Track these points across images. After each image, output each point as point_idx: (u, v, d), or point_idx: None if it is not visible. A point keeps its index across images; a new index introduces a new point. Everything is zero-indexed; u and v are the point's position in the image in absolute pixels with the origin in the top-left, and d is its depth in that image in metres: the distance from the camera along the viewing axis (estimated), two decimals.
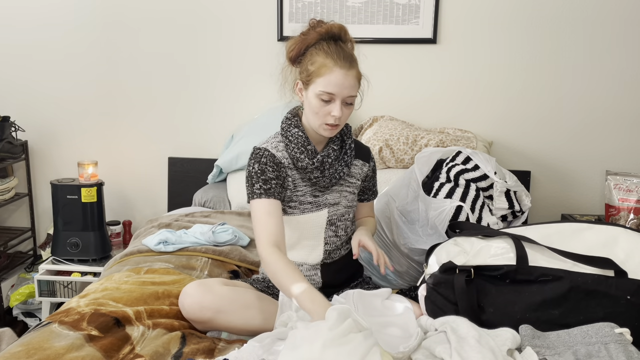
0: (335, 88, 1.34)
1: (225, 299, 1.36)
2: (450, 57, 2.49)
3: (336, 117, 1.36)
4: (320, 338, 1.06)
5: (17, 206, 2.83)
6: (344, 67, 1.35)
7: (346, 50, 1.39)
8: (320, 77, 1.35)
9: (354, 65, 1.38)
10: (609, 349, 1.10)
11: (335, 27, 1.40)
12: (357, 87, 1.40)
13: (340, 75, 1.34)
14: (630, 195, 2.15)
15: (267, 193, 1.38)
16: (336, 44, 1.40)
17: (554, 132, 2.51)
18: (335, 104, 1.36)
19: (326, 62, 1.35)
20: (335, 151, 1.48)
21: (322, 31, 1.40)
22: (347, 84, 1.35)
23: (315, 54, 1.38)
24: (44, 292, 2.36)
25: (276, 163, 1.42)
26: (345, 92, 1.36)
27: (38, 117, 2.73)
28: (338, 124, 1.39)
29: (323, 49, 1.38)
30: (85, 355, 1.16)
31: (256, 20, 2.54)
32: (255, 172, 1.40)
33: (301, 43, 1.42)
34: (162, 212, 2.73)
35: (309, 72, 1.38)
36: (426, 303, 1.35)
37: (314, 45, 1.41)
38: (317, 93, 1.36)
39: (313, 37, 1.40)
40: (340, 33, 1.41)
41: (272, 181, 1.39)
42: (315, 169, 1.44)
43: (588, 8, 2.38)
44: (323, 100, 1.36)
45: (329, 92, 1.35)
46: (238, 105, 2.63)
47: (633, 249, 1.28)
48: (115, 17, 2.61)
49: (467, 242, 1.36)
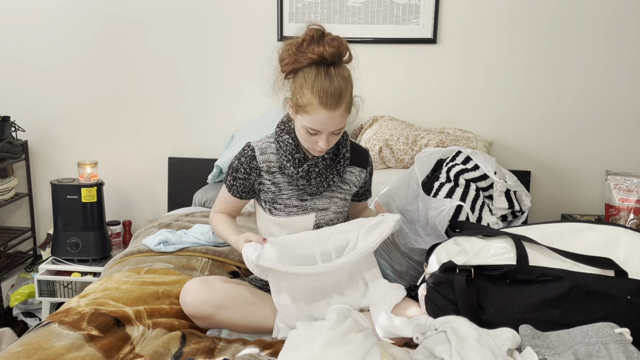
0: (320, 126, 1.34)
1: (226, 295, 1.38)
2: (450, 57, 2.49)
3: (322, 148, 1.38)
4: (320, 338, 1.06)
5: (17, 206, 2.83)
6: (330, 109, 1.32)
7: (335, 82, 1.31)
8: (306, 114, 1.34)
9: (341, 103, 1.33)
10: (609, 349, 1.10)
11: (327, 54, 1.31)
12: (346, 118, 1.38)
13: (325, 116, 1.32)
14: (630, 195, 2.15)
15: (231, 189, 1.52)
16: (327, 73, 1.32)
17: (554, 132, 2.51)
18: (322, 137, 1.36)
19: (312, 100, 1.31)
20: (326, 160, 1.48)
21: (314, 57, 1.32)
22: (333, 123, 1.34)
23: (304, 85, 1.33)
24: (44, 292, 2.36)
25: (251, 167, 1.47)
26: (330, 129, 1.35)
27: (38, 117, 2.73)
28: (325, 149, 1.40)
29: (312, 82, 1.31)
30: (85, 355, 1.16)
31: (256, 20, 2.54)
32: (232, 166, 1.50)
33: (294, 63, 1.35)
34: (162, 212, 2.73)
35: (298, 104, 1.35)
36: (426, 303, 1.35)
37: (305, 69, 1.34)
38: (303, 125, 1.36)
39: (305, 61, 1.33)
40: (334, 59, 1.33)
41: (238, 181, 1.49)
42: (301, 177, 1.46)
43: (588, 8, 2.38)
44: (309, 133, 1.37)
45: (315, 129, 1.35)
46: (238, 105, 2.63)
47: (633, 249, 1.28)
48: (115, 17, 2.61)
49: (468, 242, 1.36)
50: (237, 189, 1.51)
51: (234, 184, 1.50)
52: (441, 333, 1.16)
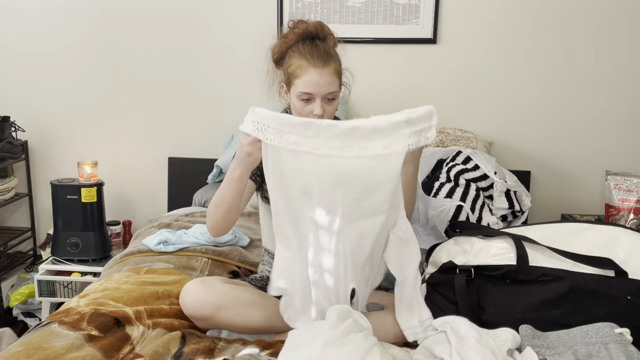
0: (312, 87, 1.37)
1: (226, 296, 1.38)
2: (450, 57, 2.49)
3: (318, 115, 1.38)
4: (320, 338, 1.06)
5: (17, 206, 2.82)
6: (318, 66, 1.37)
7: (321, 47, 1.40)
8: (297, 79, 1.38)
9: (329, 62, 1.39)
10: (609, 349, 1.10)
11: (311, 26, 1.42)
12: (337, 82, 1.42)
13: (315, 74, 1.36)
14: (630, 195, 2.15)
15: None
16: (312, 43, 1.41)
17: (554, 132, 2.51)
18: (316, 103, 1.38)
19: (301, 62, 1.38)
20: None
21: (299, 32, 1.42)
22: (324, 82, 1.37)
23: (292, 56, 1.41)
24: (44, 292, 2.36)
25: None
26: (323, 90, 1.38)
27: (38, 117, 2.73)
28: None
29: (299, 50, 1.40)
30: (85, 355, 1.16)
31: (256, 20, 2.54)
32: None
33: (282, 45, 1.44)
34: (162, 212, 2.73)
35: (288, 74, 1.42)
36: (426, 303, 1.35)
37: (293, 46, 1.43)
38: (297, 94, 1.39)
39: (292, 39, 1.43)
40: (317, 31, 1.43)
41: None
42: None
43: (588, 8, 2.38)
44: (304, 100, 1.39)
45: (307, 92, 1.38)
46: (238, 105, 2.63)
47: (633, 249, 1.28)
48: (115, 17, 2.60)
49: (468, 242, 1.36)
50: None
51: None
52: (441, 333, 1.17)
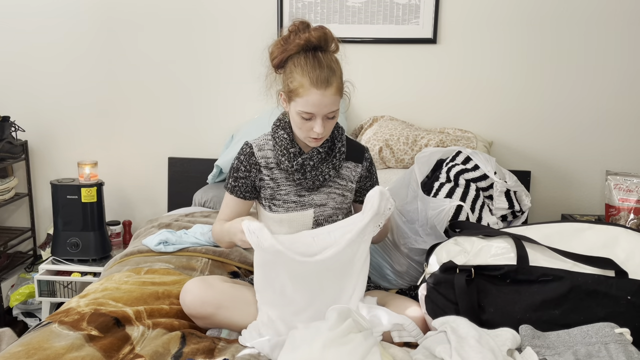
0: (314, 108, 1.35)
1: (226, 295, 1.38)
2: (450, 57, 2.49)
3: (318, 132, 1.38)
4: (320, 338, 1.06)
5: (17, 206, 2.82)
6: (320, 88, 1.34)
7: (324, 63, 1.35)
8: (298, 97, 1.36)
9: (332, 83, 1.35)
10: (609, 349, 1.10)
11: (314, 38, 1.36)
12: (338, 100, 1.39)
13: (317, 96, 1.34)
14: (630, 195, 2.14)
15: (233, 190, 1.51)
16: (315, 57, 1.36)
17: (554, 132, 2.51)
18: (317, 121, 1.37)
19: (303, 82, 1.34)
20: (321, 154, 1.48)
21: (301, 43, 1.36)
22: (325, 103, 1.35)
23: (294, 70, 1.37)
24: (44, 292, 2.36)
25: (251, 164, 1.48)
26: (324, 110, 1.36)
27: (38, 117, 2.73)
28: (322, 137, 1.41)
29: (301, 64, 1.36)
30: (85, 355, 1.16)
31: (256, 20, 2.54)
32: (233, 167, 1.51)
33: (282, 53, 1.39)
34: (162, 212, 2.73)
35: (289, 89, 1.38)
36: (426, 303, 1.35)
37: (294, 56, 1.38)
38: (297, 111, 1.38)
39: (293, 48, 1.37)
40: (320, 43, 1.37)
41: (240, 180, 1.50)
42: (296, 172, 1.46)
43: (588, 8, 2.38)
44: (304, 118, 1.38)
45: (308, 112, 1.36)
46: (238, 105, 2.63)
47: (633, 249, 1.28)
48: (115, 17, 2.61)
49: (468, 242, 1.36)
50: (240, 189, 1.50)
51: (236, 185, 1.50)
52: (441, 333, 1.16)
